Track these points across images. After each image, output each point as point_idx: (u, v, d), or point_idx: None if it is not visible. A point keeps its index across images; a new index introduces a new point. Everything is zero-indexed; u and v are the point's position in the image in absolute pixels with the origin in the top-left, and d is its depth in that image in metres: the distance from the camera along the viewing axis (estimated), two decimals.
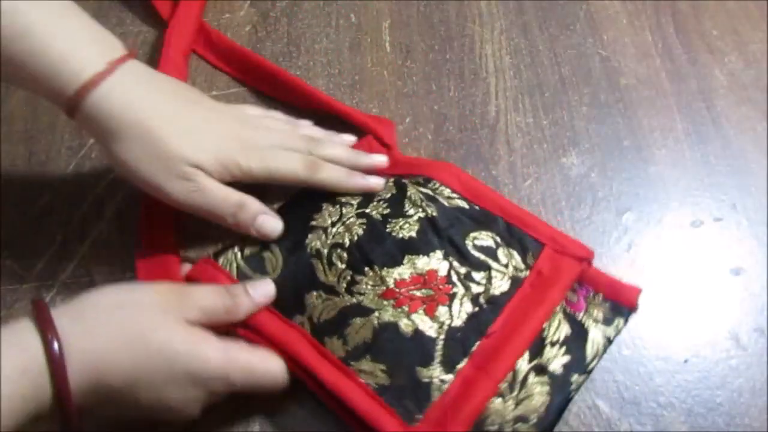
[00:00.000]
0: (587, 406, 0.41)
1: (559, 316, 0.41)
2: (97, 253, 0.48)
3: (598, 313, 0.42)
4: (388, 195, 0.46)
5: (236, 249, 0.45)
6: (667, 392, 0.42)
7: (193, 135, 0.42)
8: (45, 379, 0.33)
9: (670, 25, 0.57)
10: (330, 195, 0.46)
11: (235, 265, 0.44)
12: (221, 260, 0.44)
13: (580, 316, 0.42)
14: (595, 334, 0.41)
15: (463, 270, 0.42)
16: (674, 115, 0.52)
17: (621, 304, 0.42)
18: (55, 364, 0.33)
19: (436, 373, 0.39)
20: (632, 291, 0.42)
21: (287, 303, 0.42)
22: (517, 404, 0.38)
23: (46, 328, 0.34)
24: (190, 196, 0.42)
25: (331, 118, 0.52)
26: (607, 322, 0.41)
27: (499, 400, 0.38)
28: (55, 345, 0.33)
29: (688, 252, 0.46)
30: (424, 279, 0.42)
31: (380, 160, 0.49)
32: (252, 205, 0.44)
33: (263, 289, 0.42)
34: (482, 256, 0.43)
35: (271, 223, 0.44)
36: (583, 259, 0.43)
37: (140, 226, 0.47)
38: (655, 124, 0.52)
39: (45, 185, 0.52)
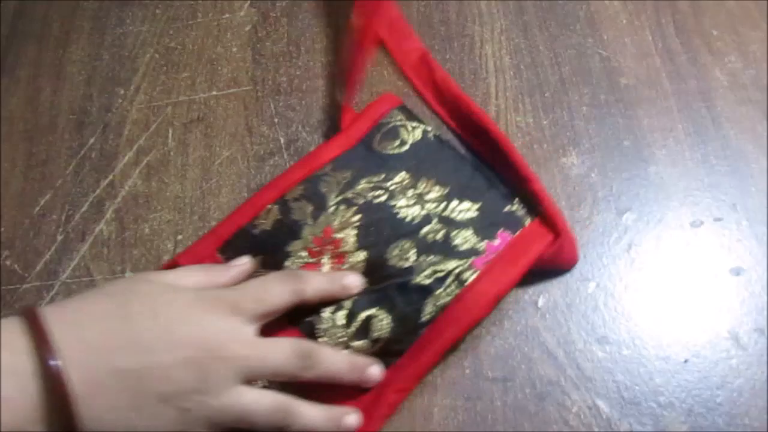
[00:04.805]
0: (587, 406, 0.41)
1: None
2: (97, 253, 0.48)
3: None
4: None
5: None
6: (667, 392, 0.42)
7: None
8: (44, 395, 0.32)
9: (670, 25, 0.57)
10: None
11: None
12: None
13: None
14: None
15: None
16: (674, 115, 0.52)
17: None
18: (58, 386, 0.32)
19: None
20: None
21: None
22: None
23: (43, 350, 0.32)
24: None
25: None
26: None
27: None
28: (57, 367, 0.32)
29: (688, 252, 0.46)
30: None
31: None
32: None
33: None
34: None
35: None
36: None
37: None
38: (655, 124, 0.52)
39: (45, 185, 0.52)
